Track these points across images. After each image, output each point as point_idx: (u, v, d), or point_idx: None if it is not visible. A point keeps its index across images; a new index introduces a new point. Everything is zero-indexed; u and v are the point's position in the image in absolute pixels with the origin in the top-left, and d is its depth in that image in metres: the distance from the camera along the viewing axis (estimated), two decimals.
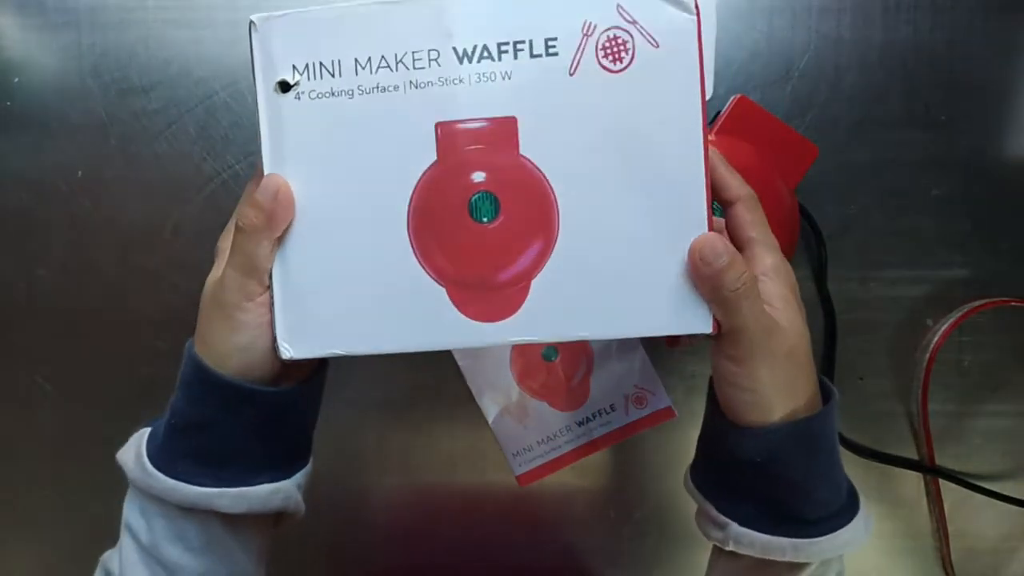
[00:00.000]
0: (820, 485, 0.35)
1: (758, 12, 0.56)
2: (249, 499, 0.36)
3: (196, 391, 0.35)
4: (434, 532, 0.60)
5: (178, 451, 0.36)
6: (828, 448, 0.35)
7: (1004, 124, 0.57)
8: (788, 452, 0.33)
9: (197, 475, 0.35)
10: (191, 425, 0.36)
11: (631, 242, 0.32)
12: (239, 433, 0.36)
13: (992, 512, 0.58)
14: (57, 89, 0.58)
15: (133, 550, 0.37)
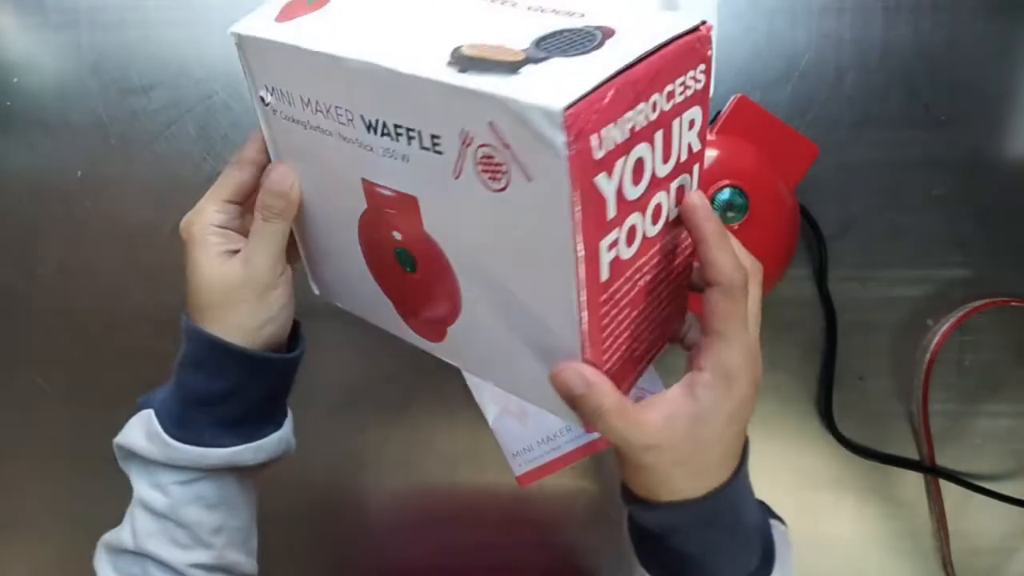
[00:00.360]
0: (719, 559, 0.34)
1: (758, 12, 0.56)
2: (265, 449, 0.40)
3: (216, 366, 0.39)
4: (434, 532, 0.60)
5: (200, 421, 0.39)
6: (726, 526, 0.34)
7: (1004, 124, 0.57)
8: (680, 529, 0.33)
9: (220, 438, 0.39)
10: (213, 397, 0.39)
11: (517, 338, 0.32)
12: (258, 396, 0.40)
13: (992, 512, 0.58)
14: (57, 89, 0.58)
15: (149, 520, 0.40)
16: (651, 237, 0.30)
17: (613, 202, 0.26)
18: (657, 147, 0.27)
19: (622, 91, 0.24)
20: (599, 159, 0.25)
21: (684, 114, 0.28)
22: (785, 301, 0.57)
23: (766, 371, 0.58)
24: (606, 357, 0.30)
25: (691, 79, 0.27)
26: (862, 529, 0.59)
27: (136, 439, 0.40)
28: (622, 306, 0.30)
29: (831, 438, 0.58)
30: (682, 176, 0.30)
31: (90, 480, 0.60)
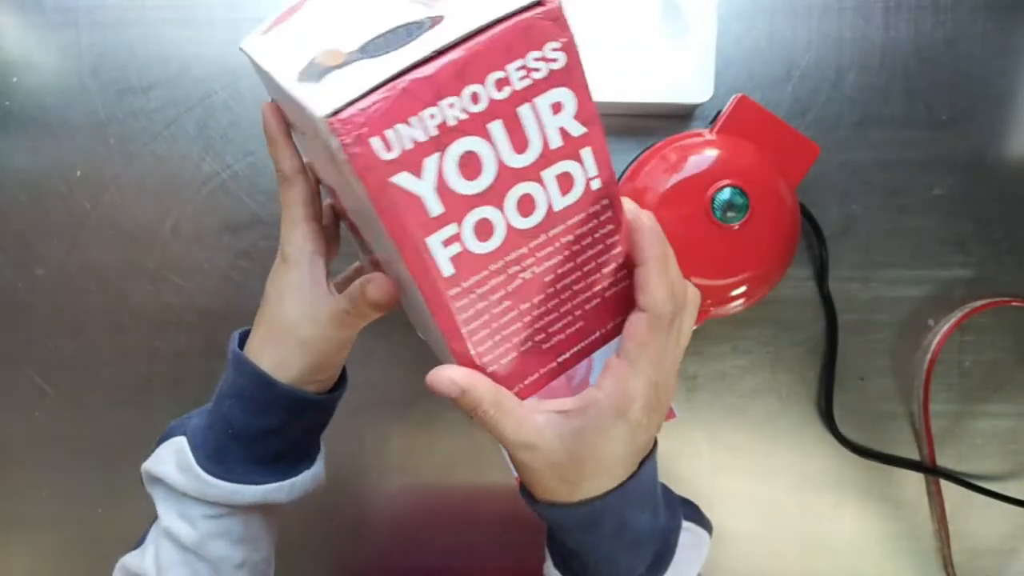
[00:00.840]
0: (596, 560, 0.35)
1: (759, 12, 0.56)
2: (299, 487, 0.40)
3: (262, 403, 0.37)
4: (434, 532, 0.60)
5: (237, 457, 0.38)
6: (607, 532, 0.34)
7: (1005, 124, 0.57)
8: (566, 527, 0.34)
9: (255, 475, 0.38)
10: (254, 434, 0.38)
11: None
12: (299, 435, 0.40)
13: (993, 512, 0.58)
14: (56, 89, 0.58)
15: (173, 551, 0.39)
16: (525, 229, 0.29)
17: (434, 199, 0.27)
18: (498, 138, 0.27)
19: (413, 90, 0.25)
20: (391, 159, 0.25)
21: (538, 99, 0.27)
22: (785, 301, 0.57)
23: (766, 371, 0.59)
24: (481, 350, 0.31)
25: (537, 61, 0.26)
26: (863, 529, 0.59)
27: (167, 470, 0.39)
28: (494, 300, 0.30)
29: (831, 438, 0.58)
30: (560, 164, 0.28)
31: (90, 480, 0.60)
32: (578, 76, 0.27)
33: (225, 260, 0.58)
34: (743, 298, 0.51)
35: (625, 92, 0.53)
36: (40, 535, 0.61)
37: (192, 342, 0.59)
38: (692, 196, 0.48)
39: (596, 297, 0.32)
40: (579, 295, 0.32)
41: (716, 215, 0.48)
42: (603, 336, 0.33)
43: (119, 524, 0.60)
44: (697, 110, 0.56)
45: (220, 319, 0.58)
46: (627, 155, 0.54)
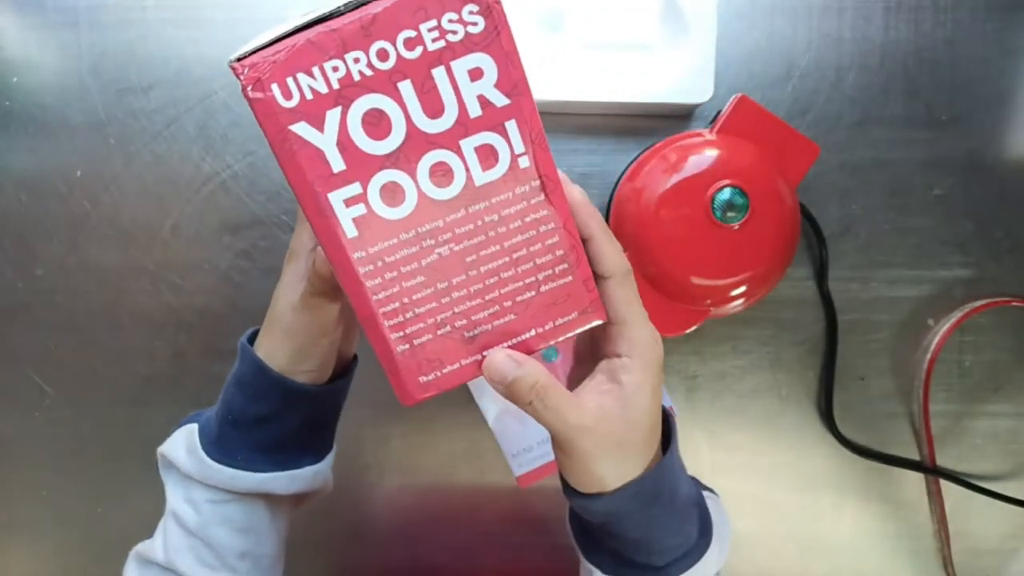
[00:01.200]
0: (662, 536, 0.35)
1: (759, 11, 0.56)
2: (299, 480, 0.40)
3: (261, 390, 0.38)
4: (434, 532, 0.60)
5: (236, 443, 0.39)
6: (665, 501, 0.35)
7: (1005, 124, 0.57)
8: (624, 513, 0.34)
9: (254, 462, 0.39)
10: (252, 420, 0.39)
11: None
12: (295, 425, 0.40)
13: (993, 512, 0.58)
14: (56, 89, 0.58)
15: (179, 535, 0.40)
16: (441, 200, 0.28)
17: (336, 154, 0.27)
18: (409, 100, 0.26)
19: (317, 41, 0.25)
20: (291, 108, 0.26)
21: (454, 63, 0.26)
22: (785, 301, 0.57)
23: (766, 371, 0.59)
24: (391, 324, 0.29)
25: (453, 23, 0.26)
26: (863, 529, 0.59)
27: (178, 452, 0.40)
28: (406, 272, 0.29)
29: (831, 438, 0.58)
30: (480, 135, 0.27)
31: (90, 480, 0.60)
32: (499, 42, 0.26)
33: (225, 260, 0.58)
34: (743, 298, 0.51)
35: (625, 92, 0.53)
36: (40, 535, 0.61)
37: (192, 342, 0.59)
38: (692, 196, 0.48)
39: (530, 289, 0.30)
40: (508, 283, 0.30)
41: (716, 215, 0.48)
42: (541, 336, 0.31)
43: (119, 524, 0.60)
44: (697, 110, 0.56)
45: (220, 319, 0.58)
46: (627, 155, 0.54)
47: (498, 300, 0.30)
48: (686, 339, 0.56)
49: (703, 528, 0.37)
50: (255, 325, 0.40)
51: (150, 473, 0.54)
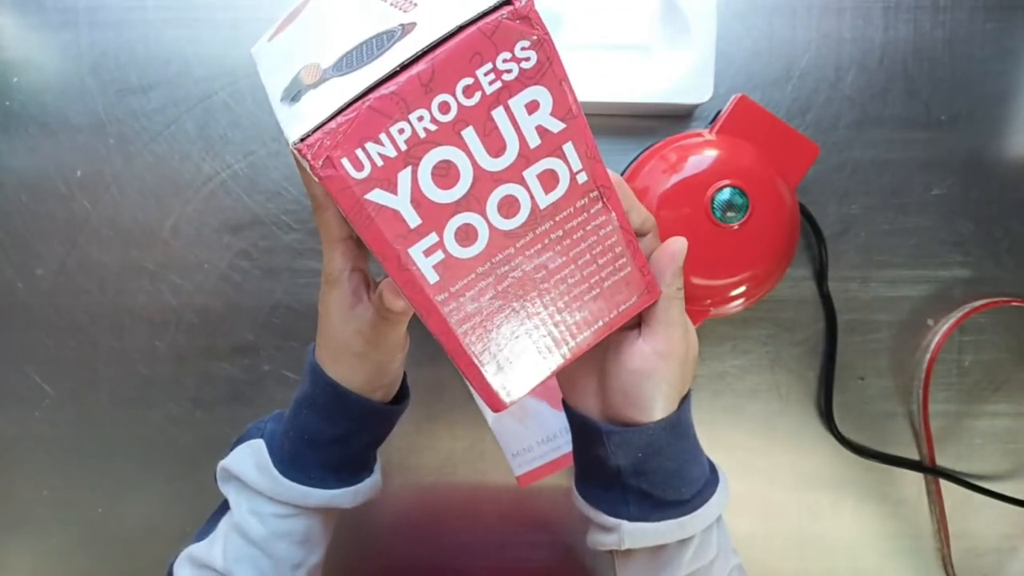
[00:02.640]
0: (691, 466, 0.38)
1: (759, 11, 0.56)
2: (362, 494, 0.43)
3: (335, 411, 0.40)
4: (434, 532, 0.60)
5: (311, 462, 0.41)
6: (692, 433, 0.39)
7: (1004, 124, 0.57)
8: (665, 443, 0.37)
9: (325, 479, 0.41)
10: (328, 440, 0.40)
11: None
12: (366, 442, 0.42)
13: (993, 512, 0.58)
14: (56, 89, 0.58)
15: (241, 545, 0.41)
16: (510, 230, 0.29)
17: (411, 211, 0.27)
18: (473, 145, 0.27)
19: (379, 107, 0.25)
20: (363, 178, 0.26)
21: (511, 100, 0.27)
22: (785, 301, 0.57)
23: (766, 371, 0.59)
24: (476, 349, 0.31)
25: (507, 62, 0.26)
26: (862, 529, 0.59)
27: (246, 468, 0.41)
28: (485, 301, 0.30)
29: (831, 438, 0.58)
30: (541, 162, 0.28)
31: (90, 480, 0.61)
32: (552, 72, 0.27)
33: (225, 260, 0.58)
34: (743, 298, 0.51)
35: (625, 92, 0.53)
36: (40, 535, 0.61)
37: (192, 342, 0.59)
38: (692, 196, 0.48)
39: (595, 287, 0.33)
40: (576, 287, 0.32)
41: (716, 215, 0.48)
42: (608, 324, 0.34)
43: (119, 524, 0.60)
44: (697, 110, 0.56)
45: (220, 319, 0.58)
46: (627, 155, 0.54)
47: (569, 304, 0.32)
48: None
49: (710, 463, 0.41)
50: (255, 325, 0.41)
51: (150, 473, 0.55)
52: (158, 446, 0.59)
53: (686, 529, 0.38)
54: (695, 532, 0.38)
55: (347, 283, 0.38)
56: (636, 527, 0.38)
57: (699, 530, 0.38)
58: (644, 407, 0.37)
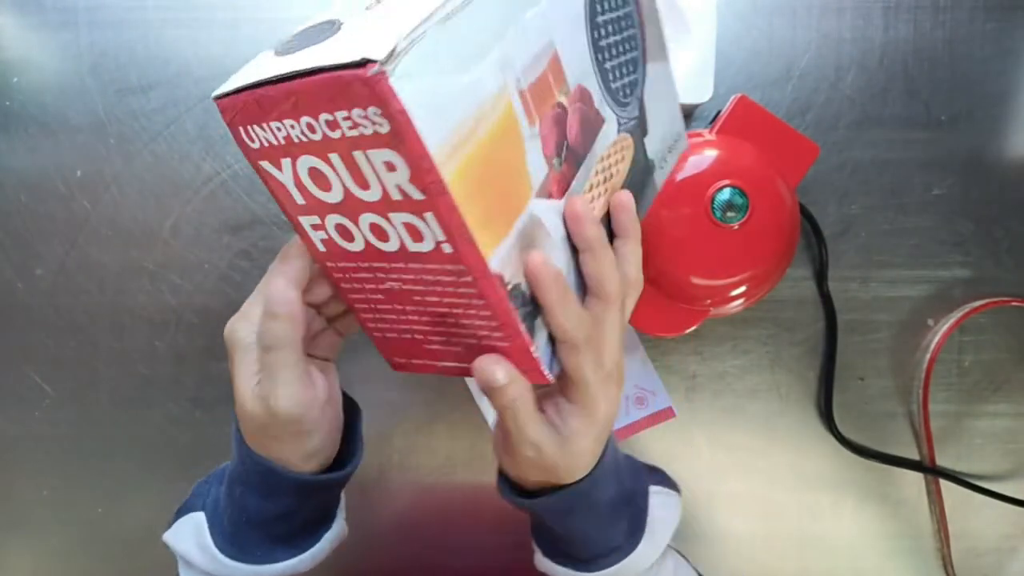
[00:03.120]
0: (583, 536, 0.38)
1: (759, 12, 0.56)
2: (320, 554, 0.40)
3: (270, 489, 0.37)
4: (434, 532, 0.60)
5: (253, 540, 0.38)
6: (590, 511, 0.37)
7: (1004, 124, 0.57)
8: (547, 514, 0.37)
9: (273, 553, 0.38)
10: (271, 518, 0.37)
11: None
12: (314, 513, 0.39)
13: (992, 512, 0.58)
14: (56, 89, 0.58)
15: None
16: (383, 251, 0.29)
17: (296, 192, 0.29)
18: (340, 169, 0.27)
19: (263, 103, 0.27)
20: (255, 149, 0.29)
21: (369, 152, 0.25)
22: (785, 301, 0.57)
23: (766, 371, 0.59)
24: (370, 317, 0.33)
25: (361, 118, 0.24)
26: (862, 529, 0.59)
27: (188, 548, 0.39)
28: (368, 289, 0.31)
29: (831, 438, 0.58)
30: (403, 215, 0.27)
31: (90, 480, 0.60)
32: (411, 146, 0.24)
33: (225, 260, 0.58)
34: (743, 298, 0.51)
35: None
36: (40, 535, 0.61)
37: (192, 342, 0.59)
38: (692, 196, 0.48)
39: (471, 338, 0.31)
40: (452, 327, 0.31)
41: (716, 215, 0.48)
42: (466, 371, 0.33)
43: (119, 524, 0.60)
44: (697, 110, 0.56)
45: (220, 319, 0.58)
46: None
47: (446, 335, 0.31)
48: (686, 339, 0.56)
49: (633, 528, 0.39)
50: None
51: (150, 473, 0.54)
52: (158, 446, 0.59)
53: None
54: None
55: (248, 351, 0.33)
56: (543, 561, 0.40)
57: None
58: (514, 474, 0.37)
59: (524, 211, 0.28)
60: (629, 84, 0.34)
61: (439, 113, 0.24)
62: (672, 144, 0.39)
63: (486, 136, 0.26)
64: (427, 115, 0.24)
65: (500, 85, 0.27)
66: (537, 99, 0.29)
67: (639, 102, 0.35)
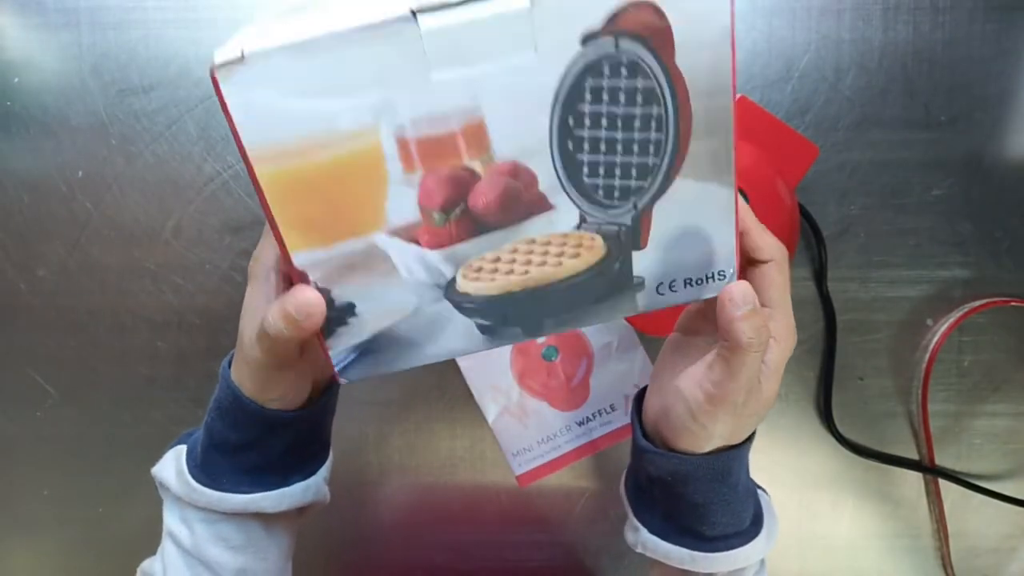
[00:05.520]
0: (719, 511, 0.37)
1: (758, 12, 0.56)
2: (288, 497, 0.40)
3: (238, 418, 0.38)
4: (434, 532, 0.60)
5: (220, 467, 0.39)
6: (733, 482, 0.37)
7: (1004, 124, 0.57)
8: (696, 478, 0.36)
9: (240, 484, 0.39)
10: (233, 446, 0.39)
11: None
12: (278, 449, 0.39)
13: (992, 512, 0.58)
14: (57, 89, 0.58)
15: (176, 554, 0.40)
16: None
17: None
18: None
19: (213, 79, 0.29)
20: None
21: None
22: None
23: None
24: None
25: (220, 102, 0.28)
26: (861, 529, 0.59)
27: (168, 474, 0.40)
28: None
29: (831, 438, 0.58)
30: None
31: (90, 480, 0.61)
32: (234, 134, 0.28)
33: (226, 260, 0.58)
34: None
35: None
36: (40, 535, 0.61)
37: (193, 342, 0.59)
38: None
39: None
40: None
41: None
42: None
43: (119, 524, 0.60)
44: None
45: (221, 319, 0.59)
46: None
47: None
48: None
49: (756, 518, 0.39)
50: None
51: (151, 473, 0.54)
52: (159, 446, 0.59)
53: (698, 564, 0.38)
54: (710, 571, 0.38)
55: (264, 281, 0.35)
56: (651, 539, 0.39)
57: (714, 570, 0.38)
58: (674, 432, 0.36)
59: (361, 237, 0.30)
60: (621, 188, 0.31)
61: (263, 121, 0.28)
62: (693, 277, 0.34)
63: (329, 160, 0.28)
64: (248, 119, 0.28)
65: (365, 125, 0.28)
66: (428, 153, 0.29)
67: (637, 212, 0.32)
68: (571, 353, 0.58)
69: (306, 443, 0.41)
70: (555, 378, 0.57)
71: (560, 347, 0.58)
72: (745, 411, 0.34)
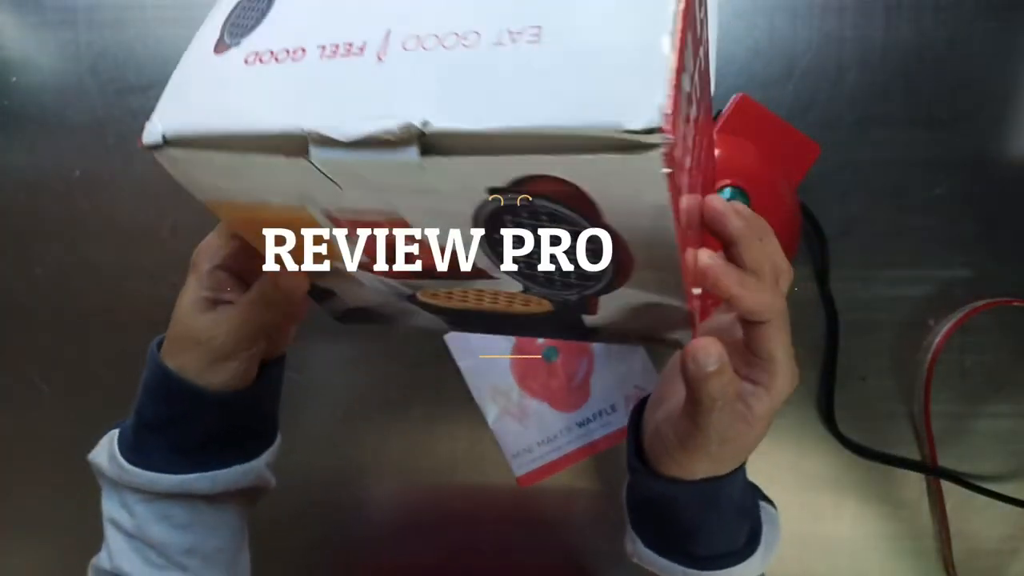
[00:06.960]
0: (709, 533, 0.37)
1: (760, 11, 0.56)
2: (224, 480, 0.39)
3: (161, 393, 0.38)
4: (434, 533, 0.60)
5: (150, 445, 0.39)
6: (724, 507, 0.37)
7: (1006, 123, 0.57)
8: (683, 504, 0.36)
9: (172, 464, 0.38)
10: (160, 423, 0.38)
11: None
12: (207, 428, 0.39)
13: (994, 513, 0.58)
14: (55, 88, 0.57)
15: (119, 539, 0.40)
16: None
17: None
18: None
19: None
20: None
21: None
22: (786, 301, 0.57)
23: None
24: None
25: None
26: (863, 530, 0.59)
27: (102, 459, 0.40)
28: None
29: (832, 438, 0.58)
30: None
31: (90, 480, 0.60)
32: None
33: None
34: None
35: None
36: (40, 535, 0.61)
37: None
38: None
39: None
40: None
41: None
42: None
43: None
44: None
45: None
46: None
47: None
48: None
49: (752, 535, 0.39)
50: None
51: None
52: None
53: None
54: None
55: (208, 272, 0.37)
56: (647, 552, 0.39)
57: None
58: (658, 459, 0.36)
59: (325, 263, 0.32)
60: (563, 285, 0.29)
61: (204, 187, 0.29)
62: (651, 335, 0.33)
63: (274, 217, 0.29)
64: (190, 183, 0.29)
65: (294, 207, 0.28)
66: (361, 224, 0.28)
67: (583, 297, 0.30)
68: (571, 353, 0.57)
69: (240, 426, 0.40)
70: (555, 378, 0.57)
71: (560, 347, 0.57)
72: (723, 454, 0.34)
